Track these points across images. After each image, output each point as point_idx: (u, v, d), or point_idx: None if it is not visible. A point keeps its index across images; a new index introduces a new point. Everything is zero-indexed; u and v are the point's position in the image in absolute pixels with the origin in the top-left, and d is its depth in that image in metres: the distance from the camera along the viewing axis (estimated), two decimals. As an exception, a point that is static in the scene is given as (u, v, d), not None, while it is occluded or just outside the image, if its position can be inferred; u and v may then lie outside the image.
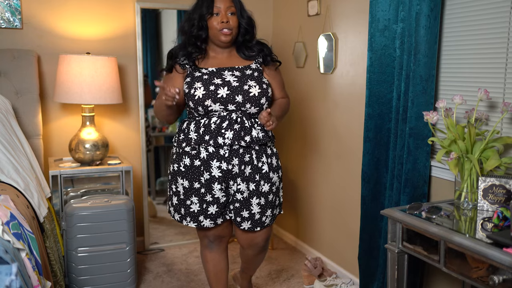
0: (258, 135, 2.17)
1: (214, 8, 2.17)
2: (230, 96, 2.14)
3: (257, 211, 2.22)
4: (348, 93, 2.91)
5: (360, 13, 2.75)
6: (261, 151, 2.22)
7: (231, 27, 2.18)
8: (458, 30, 2.21)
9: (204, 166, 2.17)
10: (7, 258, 1.45)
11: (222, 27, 2.17)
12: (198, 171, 2.18)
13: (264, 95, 2.20)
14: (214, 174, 2.17)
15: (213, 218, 2.23)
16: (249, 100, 2.16)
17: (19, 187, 2.34)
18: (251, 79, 2.20)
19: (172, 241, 3.68)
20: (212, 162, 2.16)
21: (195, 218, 2.23)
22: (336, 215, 3.12)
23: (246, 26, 2.25)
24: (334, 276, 2.93)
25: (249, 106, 2.17)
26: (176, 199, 2.26)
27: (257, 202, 2.21)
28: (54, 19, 3.18)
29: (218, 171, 2.16)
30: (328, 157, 3.16)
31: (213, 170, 2.16)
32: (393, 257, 1.98)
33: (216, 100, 2.14)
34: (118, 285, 2.73)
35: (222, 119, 2.14)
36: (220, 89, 2.14)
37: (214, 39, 2.22)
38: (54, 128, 3.25)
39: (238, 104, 2.15)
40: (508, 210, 1.66)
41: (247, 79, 2.19)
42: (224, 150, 2.15)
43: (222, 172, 2.17)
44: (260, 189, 2.21)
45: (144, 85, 3.42)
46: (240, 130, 2.13)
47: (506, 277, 1.46)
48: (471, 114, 1.98)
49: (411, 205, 1.94)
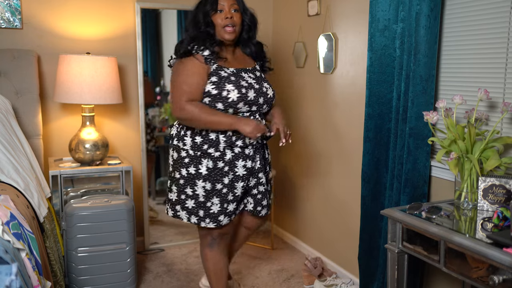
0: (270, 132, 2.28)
1: (218, 5, 2.21)
2: (256, 98, 2.24)
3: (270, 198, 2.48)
4: (348, 93, 2.91)
5: (360, 13, 2.75)
6: (266, 146, 2.42)
7: (234, 23, 2.22)
8: (458, 30, 2.21)
9: (229, 167, 2.22)
10: (7, 258, 1.45)
11: (226, 23, 2.20)
12: (221, 173, 2.21)
13: (274, 97, 2.36)
14: (239, 173, 2.24)
15: (230, 215, 2.30)
16: (267, 101, 2.30)
17: (19, 187, 2.34)
18: (263, 81, 2.32)
19: (172, 241, 3.68)
20: (237, 162, 2.23)
21: (215, 218, 2.25)
22: (336, 215, 3.12)
23: (249, 22, 2.30)
24: (334, 276, 2.93)
25: (266, 107, 2.32)
26: (193, 203, 2.25)
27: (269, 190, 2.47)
28: (54, 19, 3.18)
29: (243, 170, 2.25)
30: (328, 157, 3.16)
31: (238, 169, 2.23)
32: (393, 257, 1.98)
33: (246, 103, 2.20)
34: (118, 285, 2.73)
35: None
36: (249, 91, 2.21)
37: (218, 36, 2.24)
38: (54, 128, 3.25)
39: (260, 106, 2.27)
40: (508, 210, 1.66)
41: (261, 81, 2.30)
42: (249, 149, 2.25)
43: (247, 170, 2.26)
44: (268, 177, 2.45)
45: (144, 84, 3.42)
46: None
47: (506, 277, 1.46)
48: (471, 114, 1.98)
49: (411, 205, 1.94)
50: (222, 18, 2.20)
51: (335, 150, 3.08)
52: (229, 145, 2.20)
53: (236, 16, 2.23)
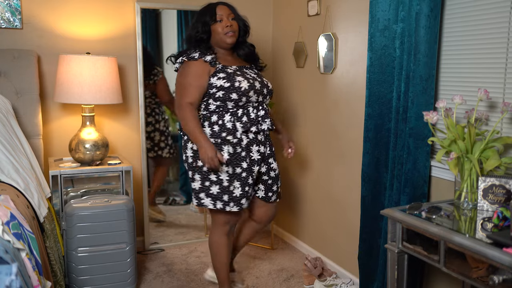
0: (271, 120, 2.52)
1: (217, 16, 2.47)
2: (261, 89, 2.48)
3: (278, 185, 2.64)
4: (348, 93, 2.91)
5: (360, 13, 2.75)
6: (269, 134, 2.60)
7: (234, 30, 2.49)
8: (458, 30, 2.21)
9: (246, 152, 2.43)
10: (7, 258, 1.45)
11: (227, 31, 2.46)
12: (240, 157, 2.42)
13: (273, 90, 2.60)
14: (254, 157, 2.46)
15: (248, 198, 2.49)
16: (269, 92, 2.55)
17: (19, 187, 2.34)
18: (262, 77, 2.57)
19: (172, 241, 3.68)
20: (252, 147, 2.45)
21: (238, 202, 2.44)
22: (336, 215, 3.12)
23: (243, 28, 2.57)
24: (334, 276, 2.93)
25: (268, 98, 2.56)
26: (217, 188, 2.41)
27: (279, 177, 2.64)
28: (54, 19, 3.18)
29: (257, 154, 2.48)
30: (328, 157, 3.16)
31: (253, 154, 2.46)
32: (393, 257, 1.98)
33: (255, 91, 2.43)
34: (118, 285, 2.73)
35: (257, 109, 2.46)
36: (255, 82, 2.46)
37: (220, 42, 2.50)
38: (54, 128, 3.25)
39: (264, 96, 2.51)
40: (508, 210, 1.66)
41: (261, 77, 2.56)
42: (261, 135, 2.48)
43: (261, 155, 2.49)
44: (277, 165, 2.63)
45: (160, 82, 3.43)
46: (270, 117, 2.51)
47: (506, 277, 1.46)
48: (471, 114, 1.98)
49: (411, 205, 1.94)
50: (222, 27, 2.46)
51: (335, 150, 3.08)
52: (245, 131, 2.42)
53: (234, 24, 2.50)
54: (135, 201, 3.37)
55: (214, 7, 2.50)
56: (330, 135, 3.12)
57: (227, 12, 2.49)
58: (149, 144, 4.03)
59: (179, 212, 4.20)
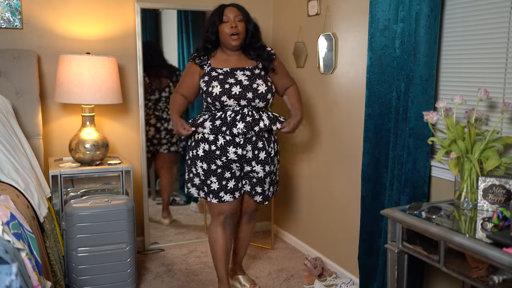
0: (266, 124, 2.56)
1: (224, 16, 2.56)
2: (242, 93, 2.52)
3: (267, 188, 2.68)
4: (348, 93, 2.91)
5: (360, 13, 2.75)
6: (269, 138, 2.63)
7: (239, 31, 2.56)
8: (458, 30, 2.21)
9: (221, 151, 2.54)
10: (7, 258, 1.45)
11: (232, 32, 2.54)
12: (214, 155, 2.54)
13: (269, 92, 2.60)
14: (231, 157, 2.55)
15: (232, 192, 2.60)
16: (258, 96, 2.55)
17: (19, 187, 2.34)
18: (259, 78, 2.59)
19: (172, 241, 3.68)
20: (228, 148, 2.54)
21: (216, 194, 2.59)
22: (336, 215, 3.12)
23: (252, 30, 2.63)
24: (334, 276, 2.93)
25: (258, 101, 2.56)
26: (198, 180, 2.62)
27: (268, 181, 2.67)
28: (54, 19, 3.18)
29: (234, 156, 2.55)
30: (328, 157, 3.16)
31: (230, 154, 2.54)
32: (393, 257, 1.98)
33: (230, 96, 2.51)
34: (118, 285, 2.73)
35: (236, 113, 2.52)
36: (233, 87, 2.52)
37: (225, 43, 2.60)
38: (54, 128, 3.25)
39: (249, 100, 2.53)
40: (508, 210, 1.66)
41: (255, 78, 2.58)
42: (239, 138, 2.53)
43: (238, 157, 2.55)
44: (267, 170, 2.63)
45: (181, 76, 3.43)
46: (251, 122, 2.52)
47: (506, 277, 1.46)
48: (471, 114, 1.98)
49: (411, 205, 1.94)
50: (228, 27, 2.55)
51: (335, 150, 3.08)
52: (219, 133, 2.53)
53: (240, 25, 2.57)
54: (135, 201, 3.37)
55: (223, 8, 2.59)
56: (330, 135, 3.12)
57: (234, 14, 2.57)
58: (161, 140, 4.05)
59: (179, 212, 4.21)
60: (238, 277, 2.96)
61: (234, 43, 2.56)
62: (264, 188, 2.67)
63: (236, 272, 2.98)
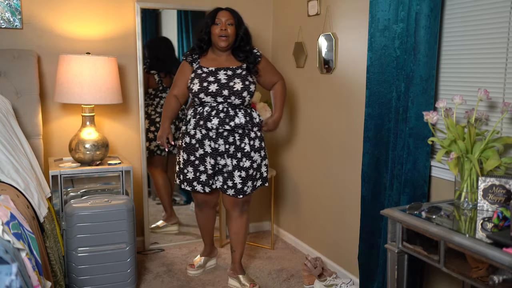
0: (240, 121, 2.72)
1: (216, 19, 2.74)
2: (218, 91, 2.71)
3: (238, 182, 2.79)
4: (348, 93, 2.91)
5: (360, 13, 2.75)
6: (244, 134, 2.77)
7: (228, 34, 2.73)
8: (458, 30, 2.21)
9: (199, 144, 2.76)
10: (7, 258, 1.45)
11: (221, 34, 2.72)
12: (194, 147, 2.78)
13: (245, 90, 2.75)
14: (207, 150, 2.76)
15: (203, 185, 2.83)
16: (233, 93, 2.72)
17: (19, 187, 2.34)
18: (237, 77, 2.76)
19: (172, 241, 3.68)
20: (205, 141, 2.75)
21: (190, 183, 2.84)
22: (336, 215, 3.12)
23: (242, 34, 2.80)
24: (334, 276, 2.93)
25: (234, 99, 2.73)
26: (177, 168, 2.89)
27: (239, 175, 2.78)
28: (54, 19, 3.18)
29: (209, 149, 2.76)
30: (328, 157, 3.16)
31: (206, 147, 2.76)
32: (393, 257, 1.98)
33: (207, 94, 2.71)
34: (118, 285, 2.73)
35: (211, 108, 2.73)
36: (211, 85, 2.72)
37: (215, 43, 2.78)
38: (54, 128, 3.25)
39: (225, 97, 2.71)
40: (508, 210, 1.66)
41: (235, 77, 2.75)
42: (212, 132, 2.73)
43: (212, 150, 2.75)
44: (241, 165, 2.77)
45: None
46: (224, 118, 2.71)
47: (506, 277, 1.46)
48: (471, 114, 1.98)
49: (411, 205, 1.94)
50: (218, 29, 2.73)
51: (335, 150, 3.08)
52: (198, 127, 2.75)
53: (230, 29, 2.74)
54: (135, 201, 3.37)
55: (217, 11, 2.77)
56: (330, 135, 3.12)
57: (226, 17, 2.74)
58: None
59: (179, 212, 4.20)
60: (238, 276, 2.96)
61: (222, 44, 2.74)
62: (235, 182, 2.78)
63: (236, 271, 2.99)
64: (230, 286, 2.99)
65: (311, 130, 3.34)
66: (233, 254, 3.02)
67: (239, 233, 2.96)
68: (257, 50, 2.87)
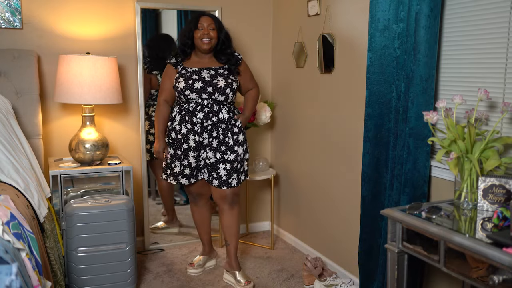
0: (223, 116, 2.86)
1: (199, 24, 2.88)
2: (203, 88, 2.84)
3: (223, 174, 2.89)
4: (348, 93, 2.91)
5: (360, 13, 2.75)
6: (227, 129, 2.88)
7: (210, 37, 2.88)
8: (458, 30, 2.21)
9: (184, 139, 2.87)
10: (7, 258, 1.45)
11: (203, 37, 2.86)
12: (179, 142, 2.89)
13: (228, 87, 2.88)
14: (191, 144, 2.88)
15: (188, 178, 2.94)
16: (217, 90, 2.85)
17: (19, 187, 2.34)
18: (220, 76, 2.90)
19: (172, 241, 3.68)
20: (189, 136, 2.86)
21: (176, 177, 2.94)
22: (336, 215, 3.12)
23: (223, 38, 2.94)
24: (334, 276, 2.93)
25: (217, 95, 2.86)
26: (164, 163, 2.99)
27: (223, 167, 2.88)
28: (54, 19, 3.18)
29: (193, 143, 2.87)
30: (328, 157, 3.16)
31: (190, 141, 2.87)
32: (393, 257, 1.98)
33: (193, 91, 2.85)
34: (118, 285, 2.73)
35: (197, 104, 2.86)
36: (196, 82, 2.86)
37: (198, 46, 2.91)
38: (54, 128, 3.25)
39: (209, 94, 2.85)
40: (508, 210, 1.66)
41: (217, 76, 2.89)
42: (197, 126, 2.85)
43: (196, 143, 2.87)
44: (226, 158, 2.88)
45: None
46: (208, 113, 2.84)
47: (506, 277, 1.46)
48: (471, 114, 1.98)
49: (411, 205, 1.94)
50: (201, 33, 2.87)
51: (335, 150, 3.08)
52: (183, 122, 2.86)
53: (212, 33, 2.88)
54: (135, 201, 3.37)
55: (199, 17, 2.90)
56: (330, 135, 3.12)
57: (208, 22, 2.88)
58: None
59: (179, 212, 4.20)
60: (234, 272, 2.99)
61: (204, 46, 2.87)
62: (219, 174, 2.88)
63: (232, 267, 3.01)
64: (225, 281, 3.04)
65: (311, 130, 3.34)
66: (228, 247, 3.05)
67: (231, 226, 3.01)
68: (238, 53, 2.99)
